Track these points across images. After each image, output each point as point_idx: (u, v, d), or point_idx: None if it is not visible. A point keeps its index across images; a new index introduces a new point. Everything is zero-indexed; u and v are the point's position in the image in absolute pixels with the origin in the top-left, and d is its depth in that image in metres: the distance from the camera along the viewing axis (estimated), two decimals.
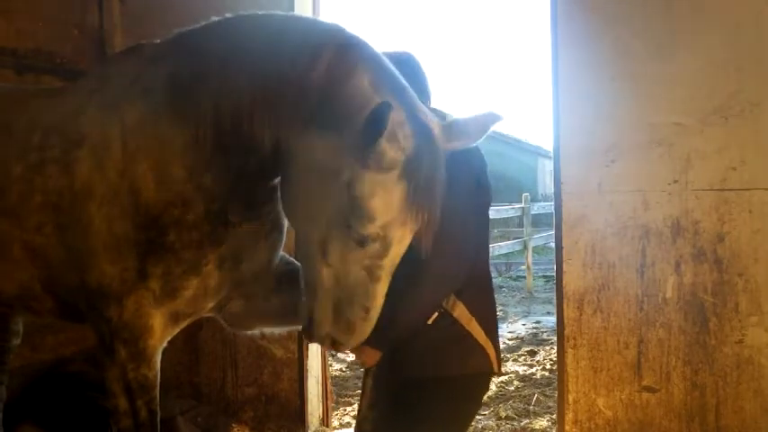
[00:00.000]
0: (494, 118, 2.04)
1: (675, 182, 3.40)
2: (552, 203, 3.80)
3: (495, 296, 2.54)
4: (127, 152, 2.21)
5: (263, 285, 2.57)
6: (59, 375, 3.89)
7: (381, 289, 2.01)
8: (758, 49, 3.28)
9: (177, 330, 2.44)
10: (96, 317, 2.30)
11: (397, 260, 2.01)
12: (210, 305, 2.46)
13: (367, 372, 2.50)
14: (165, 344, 2.39)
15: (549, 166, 24.79)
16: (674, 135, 3.38)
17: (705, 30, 3.33)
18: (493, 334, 2.37)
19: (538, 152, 31.70)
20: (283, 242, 2.59)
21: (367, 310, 2.00)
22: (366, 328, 2.05)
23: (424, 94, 2.26)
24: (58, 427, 3.60)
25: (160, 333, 2.31)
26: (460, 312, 2.28)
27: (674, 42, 3.37)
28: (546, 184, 29.25)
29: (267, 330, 2.73)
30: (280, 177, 2.18)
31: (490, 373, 2.40)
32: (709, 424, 3.41)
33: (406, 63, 2.29)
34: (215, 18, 2.29)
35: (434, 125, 1.98)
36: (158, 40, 2.39)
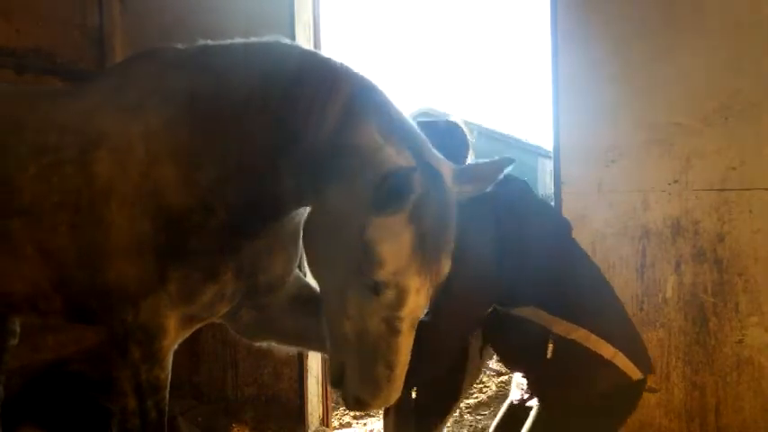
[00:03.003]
0: (507, 162, 2.07)
1: (675, 182, 3.40)
2: (552, 203, 3.80)
3: None
4: (150, 154, 2.20)
5: (277, 300, 2.57)
6: (59, 375, 3.89)
7: (405, 344, 1.95)
8: (758, 49, 3.27)
9: (190, 332, 2.44)
10: (110, 317, 2.30)
11: (419, 313, 1.97)
12: (225, 310, 2.46)
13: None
14: (176, 345, 2.40)
15: (549, 166, 24.77)
16: (674, 135, 3.38)
17: (705, 30, 3.33)
18: (622, 341, 2.24)
19: (538, 152, 31.65)
20: (299, 257, 2.58)
21: (391, 367, 1.94)
22: (392, 390, 1.98)
23: (461, 159, 2.36)
24: (58, 427, 3.60)
25: (174, 335, 2.31)
26: (579, 334, 2.20)
27: (674, 42, 3.37)
28: (546, 184, 29.21)
29: (276, 347, 2.70)
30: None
31: (629, 383, 2.24)
32: (710, 424, 3.41)
33: (445, 132, 2.39)
34: (239, 40, 2.29)
35: (445, 169, 1.98)
36: (180, 46, 2.38)
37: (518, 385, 2.48)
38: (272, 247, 2.41)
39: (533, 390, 2.34)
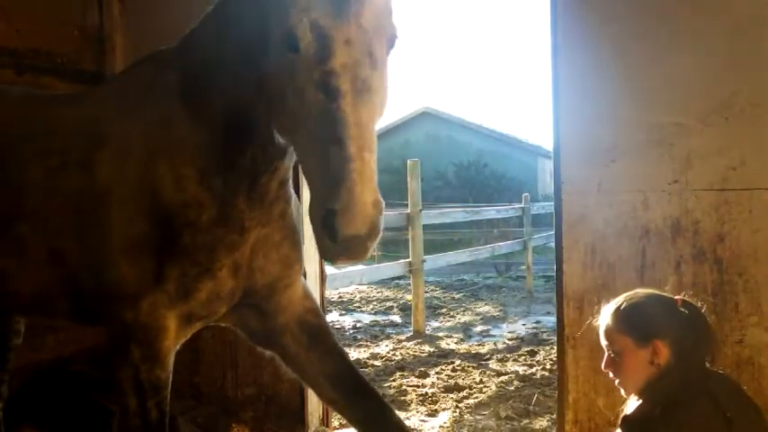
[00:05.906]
0: None
1: (675, 182, 3.40)
2: (552, 203, 3.80)
3: (496, 296, 2.52)
4: (147, 153, 2.25)
5: (282, 315, 2.58)
6: (59, 375, 3.89)
7: (351, 111, 1.59)
8: (758, 49, 3.27)
9: (191, 332, 2.45)
10: (111, 318, 2.31)
11: (362, 73, 1.64)
12: (223, 310, 2.47)
13: None
14: (178, 346, 2.40)
15: (549, 166, 24.82)
16: (674, 135, 3.38)
17: (705, 30, 3.33)
18: None
19: (538, 152, 31.72)
20: (301, 265, 2.59)
21: (341, 142, 1.55)
22: (360, 183, 1.52)
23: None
24: (58, 427, 3.60)
25: (174, 335, 2.32)
26: None
27: (674, 42, 3.37)
28: (546, 184, 29.27)
29: (280, 364, 2.70)
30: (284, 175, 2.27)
31: None
32: None
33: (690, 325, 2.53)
34: (210, 8, 2.31)
35: None
36: (173, 45, 2.43)
37: None
38: (266, 243, 2.42)
39: None
